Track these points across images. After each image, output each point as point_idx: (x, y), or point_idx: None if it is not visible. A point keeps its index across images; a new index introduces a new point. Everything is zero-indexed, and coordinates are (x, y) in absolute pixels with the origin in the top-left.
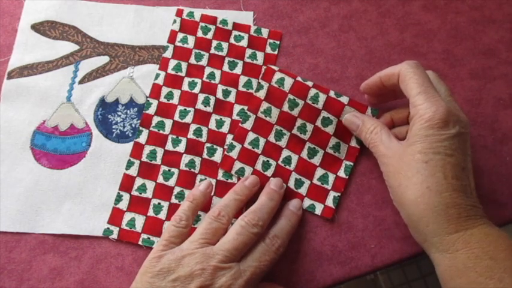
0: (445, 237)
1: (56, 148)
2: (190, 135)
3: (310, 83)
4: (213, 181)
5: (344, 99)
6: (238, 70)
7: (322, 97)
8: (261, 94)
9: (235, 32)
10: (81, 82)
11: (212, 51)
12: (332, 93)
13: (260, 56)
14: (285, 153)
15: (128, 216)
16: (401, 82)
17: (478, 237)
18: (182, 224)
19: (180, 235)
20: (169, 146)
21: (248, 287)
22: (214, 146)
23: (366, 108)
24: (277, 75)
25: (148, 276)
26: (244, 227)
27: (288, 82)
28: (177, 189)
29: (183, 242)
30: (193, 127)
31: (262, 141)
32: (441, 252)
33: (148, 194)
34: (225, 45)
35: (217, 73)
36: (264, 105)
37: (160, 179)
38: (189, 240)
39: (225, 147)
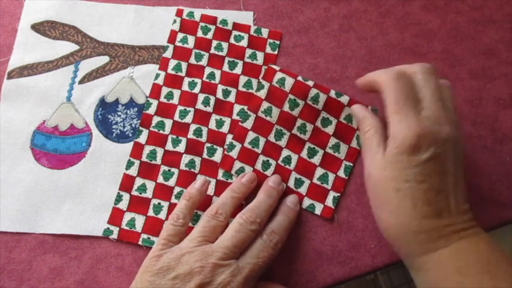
0: (416, 259)
1: (56, 148)
2: (190, 135)
3: (311, 83)
4: (213, 181)
5: (344, 100)
6: (238, 70)
7: (322, 97)
8: (262, 94)
9: (235, 32)
10: (81, 82)
11: (212, 51)
12: (333, 93)
13: (260, 56)
14: (285, 152)
15: (128, 216)
16: (382, 93)
17: (448, 255)
18: (180, 223)
19: (178, 234)
20: (169, 146)
21: (247, 283)
22: (214, 146)
23: (366, 108)
24: (278, 75)
25: (148, 275)
26: (242, 224)
27: (289, 82)
28: (177, 189)
29: (181, 240)
30: (193, 127)
31: (262, 140)
32: (416, 271)
33: (148, 194)
34: (225, 45)
35: (217, 73)
36: (265, 105)
37: (160, 179)
38: (188, 238)
39: (225, 146)
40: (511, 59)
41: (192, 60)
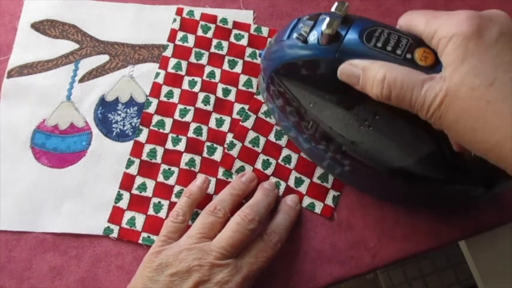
0: None
1: (56, 147)
2: (190, 134)
3: None
4: (213, 180)
5: None
6: (238, 69)
7: None
8: (262, 97)
9: (235, 31)
10: (81, 81)
11: (212, 50)
12: None
13: None
14: (285, 152)
15: (128, 215)
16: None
17: None
18: (179, 220)
19: (178, 230)
20: (169, 145)
21: (245, 282)
22: (214, 145)
23: None
24: None
25: (147, 271)
26: (239, 223)
27: None
28: (177, 188)
29: (181, 237)
30: (193, 126)
31: (262, 140)
32: None
33: (149, 192)
34: (225, 44)
35: (217, 72)
36: (265, 107)
37: (160, 178)
38: (187, 235)
39: (225, 145)
40: None
41: (192, 59)
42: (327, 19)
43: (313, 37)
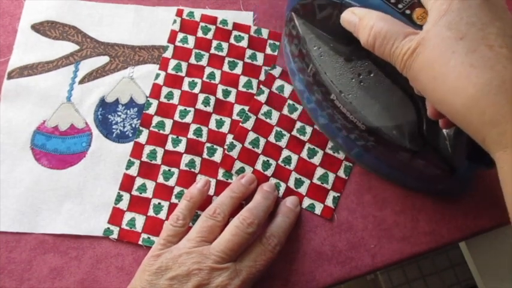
0: (507, 126)
1: (56, 148)
2: (191, 135)
3: None
4: (213, 181)
5: None
6: (238, 70)
7: None
8: (262, 98)
9: (235, 32)
10: (81, 82)
11: (212, 51)
12: None
13: (260, 56)
14: (285, 153)
15: (128, 216)
16: None
17: None
18: (179, 224)
19: (178, 234)
20: (169, 146)
21: (244, 286)
22: (214, 146)
23: None
24: (278, 82)
25: (146, 275)
26: (238, 227)
27: (288, 89)
28: (177, 189)
29: (180, 240)
30: (193, 127)
31: (262, 141)
32: (504, 148)
33: (149, 193)
34: (225, 45)
35: (218, 73)
36: (265, 108)
37: (160, 179)
38: (186, 238)
39: (226, 146)
40: None
41: (192, 60)
42: None
43: None
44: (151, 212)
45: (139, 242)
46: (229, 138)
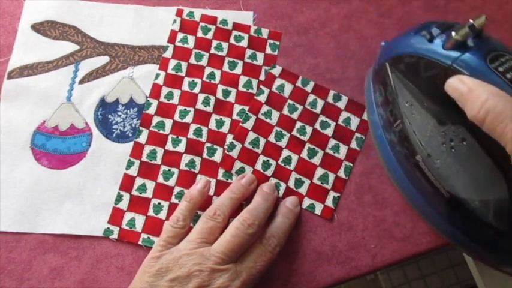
0: None
1: (56, 148)
2: (191, 135)
3: (309, 88)
4: (213, 181)
5: (341, 104)
6: (238, 70)
7: (320, 102)
8: (262, 98)
9: (235, 32)
10: (81, 82)
11: (212, 51)
12: (330, 98)
13: (260, 56)
14: (285, 153)
15: (128, 216)
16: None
17: None
18: (180, 225)
19: (178, 235)
20: (169, 146)
21: (245, 287)
22: (214, 146)
23: (363, 110)
24: (278, 82)
25: (146, 276)
26: (239, 228)
27: (288, 88)
28: (177, 189)
29: (181, 241)
30: (193, 127)
31: (262, 141)
32: None
33: (149, 193)
34: (225, 45)
35: (218, 73)
36: (265, 108)
37: (160, 179)
38: (187, 239)
39: (226, 146)
40: None
41: (192, 60)
42: (460, 26)
43: (440, 39)
44: (151, 212)
45: (139, 242)
46: (229, 138)
